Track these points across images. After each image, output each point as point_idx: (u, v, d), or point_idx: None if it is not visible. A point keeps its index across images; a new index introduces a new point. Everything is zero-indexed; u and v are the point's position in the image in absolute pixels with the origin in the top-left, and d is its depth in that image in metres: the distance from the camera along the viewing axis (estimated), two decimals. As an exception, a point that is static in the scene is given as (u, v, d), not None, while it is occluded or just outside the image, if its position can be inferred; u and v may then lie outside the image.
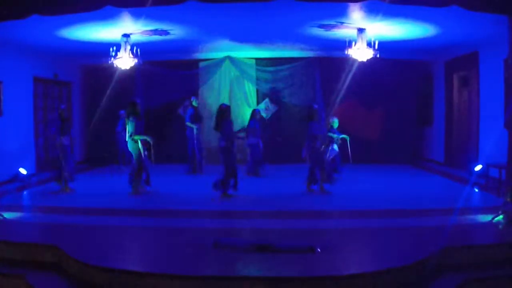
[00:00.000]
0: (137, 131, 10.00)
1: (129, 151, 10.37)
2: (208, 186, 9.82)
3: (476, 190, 10.65)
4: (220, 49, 14.11)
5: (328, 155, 11.12)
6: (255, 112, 12.75)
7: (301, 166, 13.97)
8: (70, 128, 10.68)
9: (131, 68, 11.71)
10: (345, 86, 13.63)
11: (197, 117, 12.88)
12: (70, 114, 10.64)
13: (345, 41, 10.79)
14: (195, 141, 12.90)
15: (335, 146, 11.73)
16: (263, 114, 14.07)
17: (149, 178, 10.45)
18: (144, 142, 10.08)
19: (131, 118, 9.96)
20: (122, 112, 13.07)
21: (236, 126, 12.44)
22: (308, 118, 10.28)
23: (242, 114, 14.81)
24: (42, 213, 8.88)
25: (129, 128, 10.01)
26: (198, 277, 5.46)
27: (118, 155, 13.61)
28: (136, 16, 9.33)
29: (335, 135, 11.83)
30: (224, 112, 9.82)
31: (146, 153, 10.16)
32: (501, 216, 7.73)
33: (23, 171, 11.51)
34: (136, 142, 10.00)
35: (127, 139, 10.11)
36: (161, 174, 12.02)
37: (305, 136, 10.33)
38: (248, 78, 14.88)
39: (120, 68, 11.56)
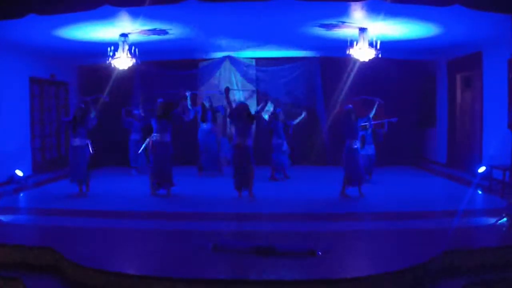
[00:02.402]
0: (155, 130, 10.22)
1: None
2: (206, 188, 9.74)
3: (480, 192, 10.59)
4: (220, 49, 14.01)
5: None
6: (276, 113, 12.37)
7: (301, 168, 13.99)
8: (85, 128, 10.39)
9: (129, 68, 11.59)
10: (346, 87, 13.54)
11: (204, 117, 12.85)
12: (85, 114, 10.37)
13: (347, 41, 10.67)
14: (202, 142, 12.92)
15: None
16: (265, 116, 13.95)
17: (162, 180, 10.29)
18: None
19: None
20: (137, 112, 13.06)
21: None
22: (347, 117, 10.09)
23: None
24: (39, 215, 8.83)
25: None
26: (197, 281, 5.40)
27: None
28: (134, 15, 9.23)
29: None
30: (238, 110, 9.86)
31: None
32: (504, 219, 7.65)
33: (19, 172, 11.40)
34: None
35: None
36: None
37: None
38: (248, 78, 14.77)
39: (118, 68, 11.45)
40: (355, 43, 10.61)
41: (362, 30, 10.47)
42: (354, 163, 9.88)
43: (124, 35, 10.85)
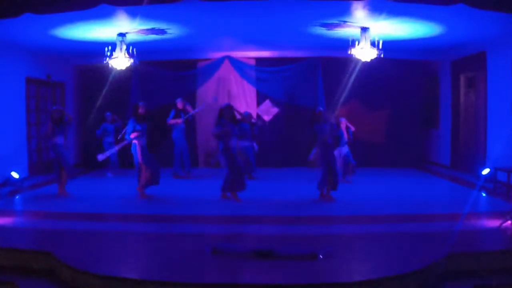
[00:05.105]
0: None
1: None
2: (204, 189, 9.68)
3: (484, 195, 10.52)
4: (219, 49, 13.92)
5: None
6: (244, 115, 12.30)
7: (302, 169, 13.89)
8: (64, 129, 10.44)
9: (127, 68, 11.51)
10: (348, 87, 13.45)
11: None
12: (63, 115, 10.38)
13: (348, 41, 10.60)
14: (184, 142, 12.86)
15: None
16: (265, 116, 13.86)
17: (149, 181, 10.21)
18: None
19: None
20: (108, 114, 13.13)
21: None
22: (313, 121, 9.99)
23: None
24: (35, 218, 8.76)
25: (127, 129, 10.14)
26: (196, 284, 5.38)
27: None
28: (132, 14, 9.17)
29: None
30: (221, 112, 9.73)
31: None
32: (509, 222, 7.64)
33: (15, 174, 11.29)
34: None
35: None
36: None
37: (314, 140, 10.04)
38: (248, 79, 14.65)
39: (116, 68, 11.35)
40: (356, 42, 10.55)
41: (364, 29, 10.40)
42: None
43: (121, 34, 10.77)
